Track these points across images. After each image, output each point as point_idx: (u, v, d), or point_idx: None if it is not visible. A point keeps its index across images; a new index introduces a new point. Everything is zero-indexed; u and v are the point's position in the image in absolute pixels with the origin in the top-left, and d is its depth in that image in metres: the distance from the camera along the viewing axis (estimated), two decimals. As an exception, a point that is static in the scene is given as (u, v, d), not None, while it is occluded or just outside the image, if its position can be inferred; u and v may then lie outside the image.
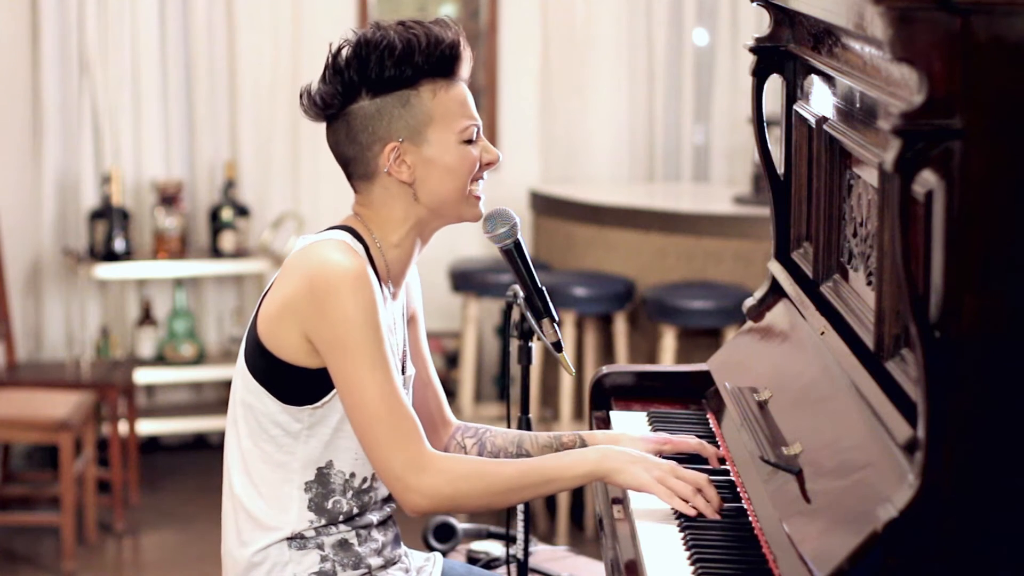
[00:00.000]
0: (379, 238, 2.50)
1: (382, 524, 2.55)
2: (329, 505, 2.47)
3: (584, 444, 2.63)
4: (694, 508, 2.36)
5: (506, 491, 2.40)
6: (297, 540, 2.47)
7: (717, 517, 2.35)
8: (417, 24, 2.46)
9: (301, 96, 2.49)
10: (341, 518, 2.48)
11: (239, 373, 2.50)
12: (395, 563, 2.56)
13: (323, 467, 2.46)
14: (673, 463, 2.43)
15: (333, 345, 2.37)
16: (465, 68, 2.49)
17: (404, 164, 2.46)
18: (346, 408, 2.41)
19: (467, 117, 2.49)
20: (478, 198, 2.53)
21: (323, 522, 2.47)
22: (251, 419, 2.47)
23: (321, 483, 2.47)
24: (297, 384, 2.43)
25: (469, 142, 2.49)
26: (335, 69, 2.46)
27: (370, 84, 2.44)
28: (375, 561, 2.51)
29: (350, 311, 2.37)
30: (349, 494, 2.49)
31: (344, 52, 2.46)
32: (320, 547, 2.47)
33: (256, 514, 2.48)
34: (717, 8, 6.43)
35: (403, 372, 2.56)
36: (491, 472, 2.40)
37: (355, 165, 2.49)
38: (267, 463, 2.47)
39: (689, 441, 2.60)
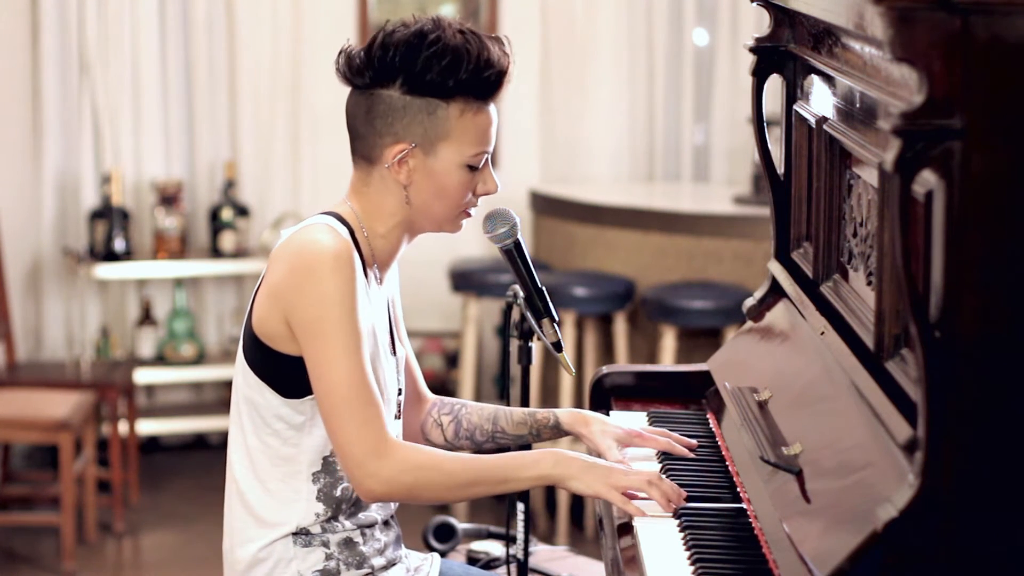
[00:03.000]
0: (367, 226, 2.50)
1: (385, 524, 2.56)
2: (338, 492, 2.48)
3: (558, 423, 2.67)
4: (652, 501, 2.38)
5: (462, 485, 2.41)
6: (302, 536, 2.47)
7: (671, 509, 2.36)
8: (475, 37, 2.42)
9: (340, 53, 2.47)
10: (344, 506, 2.49)
11: (239, 369, 2.51)
12: (396, 564, 2.57)
13: (328, 455, 2.47)
14: (624, 466, 2.46)
15: (309, 324, 2.37)
16: (502, 95, 2.48)
17: (405, 166, 2.46)
18: (314, 388, 2.41)
19: (482, 144, 2.47)
20: (468, 216, 2.53)
21: (329, 514, 2.48)
22: (255, 415, 2.48)
23: (328, 472, 2.48)
24: (294, 374, 2.43)
25: (473, 168, 2.48)
26: (384, 46, 2.42)
27: (407, 78, 2.42)
28: (378, 561, 2.52)
29: (329, 290, 2.36)
30: None
31: (399, 34, 2.42)
32: (325, 544, 2.48)
33: (261, 512, 2.48)
34: (717, 8, 6.43)
35: (393, 354, 2.57)
36: (448, 467, 2.40)
37: (362, 144, 2.49)
38: (274, 458, 2.47)
39: (659, 440, 2.61)
